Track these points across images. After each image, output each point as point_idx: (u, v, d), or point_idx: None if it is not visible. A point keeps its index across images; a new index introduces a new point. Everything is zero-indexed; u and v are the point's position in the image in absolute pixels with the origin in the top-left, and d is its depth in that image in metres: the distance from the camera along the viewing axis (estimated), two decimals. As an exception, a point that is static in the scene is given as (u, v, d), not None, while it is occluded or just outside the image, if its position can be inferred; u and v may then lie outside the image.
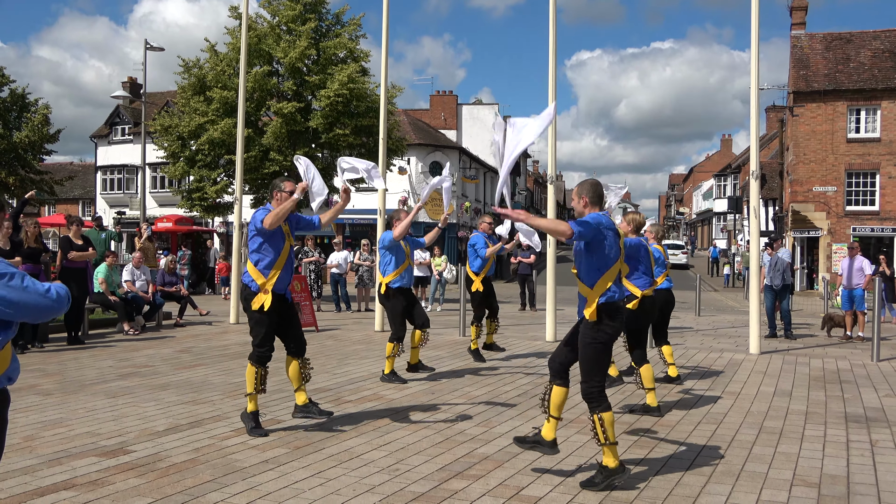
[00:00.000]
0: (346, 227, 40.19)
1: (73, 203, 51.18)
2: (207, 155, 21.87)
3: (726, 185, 61.44)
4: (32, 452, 5.57)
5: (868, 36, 34.02)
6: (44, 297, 2.87)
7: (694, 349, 11.75)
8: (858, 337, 13.59)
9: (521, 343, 12.25)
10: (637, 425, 6.68)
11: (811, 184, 32.33)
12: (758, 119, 11.92)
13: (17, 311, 2.84)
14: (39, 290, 2.86)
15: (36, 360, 9.91)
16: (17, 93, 29.60)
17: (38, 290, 2.86)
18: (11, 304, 2.80)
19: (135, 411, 7.00)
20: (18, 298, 2.81)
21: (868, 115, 32.05)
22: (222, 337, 12.79)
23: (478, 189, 49.93)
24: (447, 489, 4.88)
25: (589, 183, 5.20)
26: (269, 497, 4.68)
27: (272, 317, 6.19)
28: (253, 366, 6.22)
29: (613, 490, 4.87)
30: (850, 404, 7.77)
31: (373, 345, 11.86)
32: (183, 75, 22.48)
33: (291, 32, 21.89)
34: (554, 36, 12.48)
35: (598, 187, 5.18)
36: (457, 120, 53.96)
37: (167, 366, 9.68)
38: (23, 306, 2.83)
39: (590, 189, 5.14)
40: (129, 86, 45.93)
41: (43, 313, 2.92)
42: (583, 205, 5.15)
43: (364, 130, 21.89)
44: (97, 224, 16.65)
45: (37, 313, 2.91)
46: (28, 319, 2.95)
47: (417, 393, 8.02)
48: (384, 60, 14.29)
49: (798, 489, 4.97)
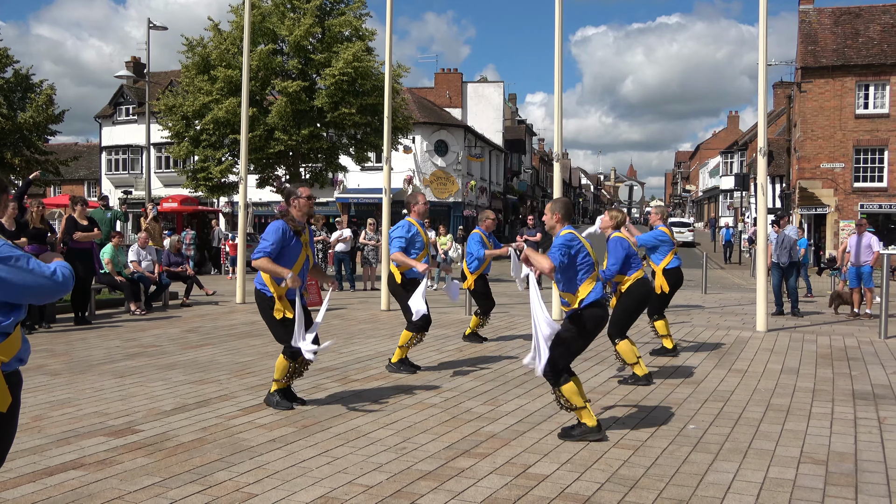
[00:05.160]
0: (351, 207, 40.15)
1: (78, 184, 51.19)
2: (212, 135, 21.82)
3: (733, 163, 61.11)
4: (41, 432, 5.60)
5: (877, 10, 33.63)
6: (49, 279, 2.89)
7: (701, 327, 11.73)
8: (866, 314, 13.54)
9: (528, 321, 12.22)
10: (644, 404, 6.67)
11: (819, 160, 32.12)
12: (766, 95, 11.81)
13: (23, 293, 2.85)
14: (45, 273, 2.89)
15: (43, 341, 9.95)
16: (21, 73, 29.51)
17: (44, 271, 2.88)
18: (18, 286, 2.82)
19: (142, 391, 7.03)
20: (24, 280, 2.83)
21: (877, 91, 31.76)
22: (229, 317, 12.81)
23: (483, 168, 49.78)
24: (454, 467, 4.89)
25: (561, 202, 5.87)
26: (276, 476, 4.69)
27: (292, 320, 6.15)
28: (286, 360, 6.27)
29: (617, 474, 4.87)
30: (858, 381, 7.75)
31: (379, 324, 11.87)
32: (187, 54, 22.38)
33: (296, 10, 21.76)
34: (560, 10, 12.35)
35: (569, 206, 5.88)
36: (462, 98, 53.68)
37: (174, 345, 9.71)
38: (29, 288, 2.85)
39: (562, 207, 5.77)
40: (133, 65, 45.75)
41: (49, 294, 2.94)
42: (555, 220, 5.72)
43: (369, 109, 21.80)
44: (104, 204, 16.65)
45: (43, 295, 2.93)
46: (34, 301, 2.96)
47: (424, 372, 8.02)
48: (388, 38, 14.17)
49: (805, 466, 4.97)
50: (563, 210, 5.76)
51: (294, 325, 6.05)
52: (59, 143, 45.63)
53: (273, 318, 6.20)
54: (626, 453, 5.20)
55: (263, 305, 6.25)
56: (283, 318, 6.15)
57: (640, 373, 7.42)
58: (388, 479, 4.66)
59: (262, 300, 6.26)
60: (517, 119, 68.16)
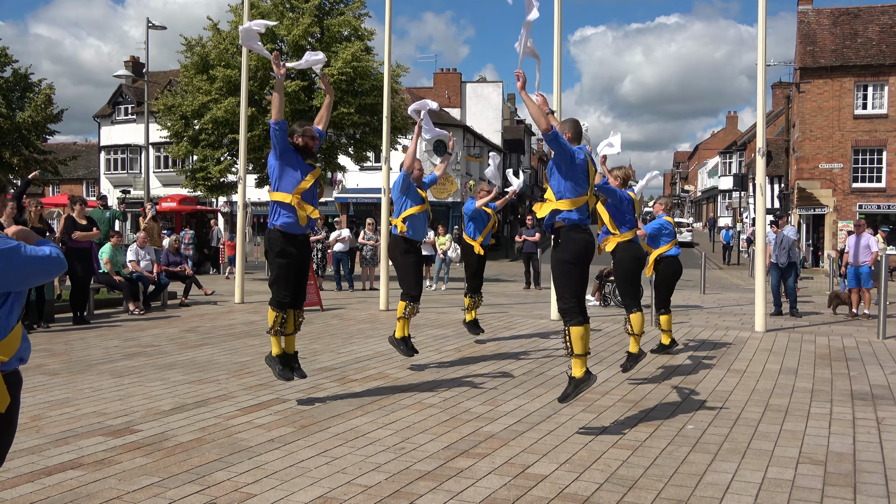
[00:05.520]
0: (350, 207, 40.13)
1: (76, 183, 51.14)
2: (211, 134, 21.80)
3: (732, 163, 61.13)
4: (39, 432, 5.59)
5: (876, 11, 33.64)
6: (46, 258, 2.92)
7: (699, 327, 11.73)
8: (864, 314, 13.55)
9: (526, 321, 12.24)
10: (642, 404, 6.68)
11: (817, 161, 32.13)
12: (764, 95, 11.82)
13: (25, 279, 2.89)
14: (40, 255, 2.92)
15: (42, 340, 9.94)
16: (19, 73, 29.50)
17: (38, 254, 2.92)
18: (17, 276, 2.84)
19: (141, 391, 7.02)
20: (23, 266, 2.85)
21: (875, 92, 31.78)
22: (227, 316, 12.81)
23: (482, 167, 49.75)
24: (453, 467, 4.89)
25: (572, 121, 6.08)
26: (275, 476, 4.69)
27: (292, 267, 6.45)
28: (273, 310, 6.47)
29: (617, 471, 4.87)
30: (856, 382, 7.75)
31: (378, 324, 11.86)
32: (185, 54, 22.36)
33: (295, 10, 21.74)
34: (559, 11, 12.35)
35: (578, 125, 6.07)
36: (460, 98, 53.61)
37: (173, 345, 9.70)
38: (29, 274, 2.89)
39: (572, 126, 5.99)
40: (132, 65, 45.70)
41: (49, 273, 2.98)
42: (565, 138, 5.80)
43: (368, 109, 21.79)
44: (102, 203, 16.63)
45: (44, 276, 2.97)
46: (36, 282, 3.00)
47: (423, 372, 8.02)
48: (387, 38, 14.17)
49: (804, 467, 4.97)
50: (573, 129, 5.96)
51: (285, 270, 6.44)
52: (57, 143, 45.57)
53: (278, 262, 6.41)
54: (625, 453, 5.20)
55: (272, 246, 6.43)
56: (287, 265, 6.39)
57: (632, 349, 7.57)
58: (386, 480, 4.65)
59: (272, 240, 6.42)
60: (516, 119, 68.15)
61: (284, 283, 6.44)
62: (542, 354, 9.05)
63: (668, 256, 9.21)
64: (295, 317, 6.58)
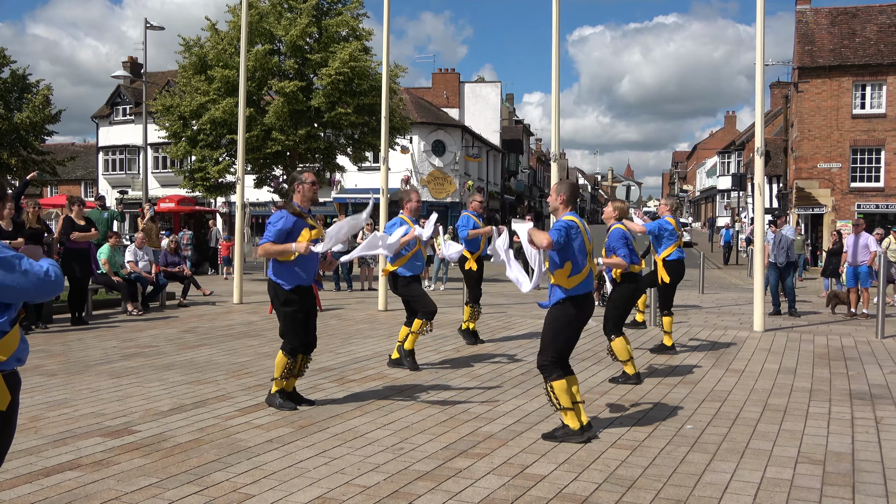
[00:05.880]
0: (348, 207, 40.12)
1: (75, 184, 51.12)
2: (209, 135, 21.78)
3: (730, 163, 61.20)
4: (38, 433, 5.59)
5: (874, 10, 33.66)
6: (43, 279, 2.91)
7: (698, 326, 11.73)
8: (863, 314, 13.56)
9: (525, 322, 12.24)
10: (641, 404, 6.67)
11: (816, 160, 32.14)
12: (763, 95, 11.83)
13: (18, 294, 2.88)
14: (38, 273, 2.90)
15: (40, 341, 9.92)
16: (17, 74, 29.48)
17: (37, 271, 2.90)
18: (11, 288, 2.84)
19: (139, 391, 7.01)
20: (17, 282, 2.84)
21: (874, 91, 31.79)
22: (226, 317, 12.80)
23: (480, 168, 49.78)
24: (452, 468, 4.89)
25: (568, 184, 5.89)
26: (273, 476, 4.69)
27: (299, 313, 6.25)
28: (285, 356, 6.28)
29: (615, 472, 4.87)
30: (855, 381, 7.76)
31: (376, 324, 11.86)
32: (184, 54, 22.34)
33: (293, 10, 21.73)
34: (557, 10, 12.36)
35: (575, 189, 5.93)
36: (459, 98, 53.64)
37: (171, 346, 9.69)
38: (23, 289, 2.87)
39: (568, 189, 5.79)
40: (130, 65, 45.69)
41: (42, 294, 2.97)
42: (560, 202, 5.72)
43: (366, 109, 21.79)
44: (101, 204, 16.62)
45: (37, 295, 2.96)
46: (29, 300, 2.97)
47: (422, 372, 8.02)
48: (385, 38, 14.16)
49: (803, 466, 4.97)
50: (568, 192, 5.78)
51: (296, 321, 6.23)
52: (55, 144, 45.56)
53: (284, 311, 6.23)
54: (624, 453, 5.20)
55: (277, 297, 6.25)
56: (294, 313, 6.21)
57: (629, 371, 7.47)
58: (385, 480, 4.65)
59: (276, 291, 6.25)
60: (514, 119, 68.20)
61: (294, 331, 6.26)
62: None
63: (671, 260, 9.20)
64: (302, 362, 6.43)
